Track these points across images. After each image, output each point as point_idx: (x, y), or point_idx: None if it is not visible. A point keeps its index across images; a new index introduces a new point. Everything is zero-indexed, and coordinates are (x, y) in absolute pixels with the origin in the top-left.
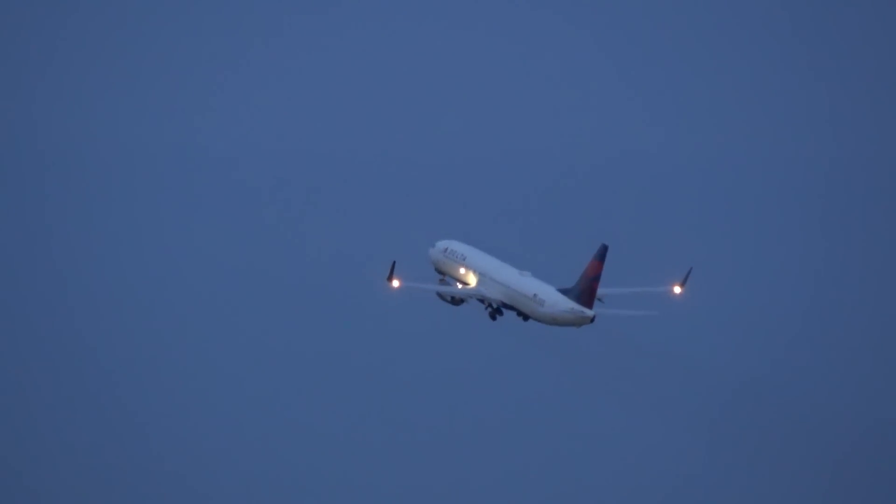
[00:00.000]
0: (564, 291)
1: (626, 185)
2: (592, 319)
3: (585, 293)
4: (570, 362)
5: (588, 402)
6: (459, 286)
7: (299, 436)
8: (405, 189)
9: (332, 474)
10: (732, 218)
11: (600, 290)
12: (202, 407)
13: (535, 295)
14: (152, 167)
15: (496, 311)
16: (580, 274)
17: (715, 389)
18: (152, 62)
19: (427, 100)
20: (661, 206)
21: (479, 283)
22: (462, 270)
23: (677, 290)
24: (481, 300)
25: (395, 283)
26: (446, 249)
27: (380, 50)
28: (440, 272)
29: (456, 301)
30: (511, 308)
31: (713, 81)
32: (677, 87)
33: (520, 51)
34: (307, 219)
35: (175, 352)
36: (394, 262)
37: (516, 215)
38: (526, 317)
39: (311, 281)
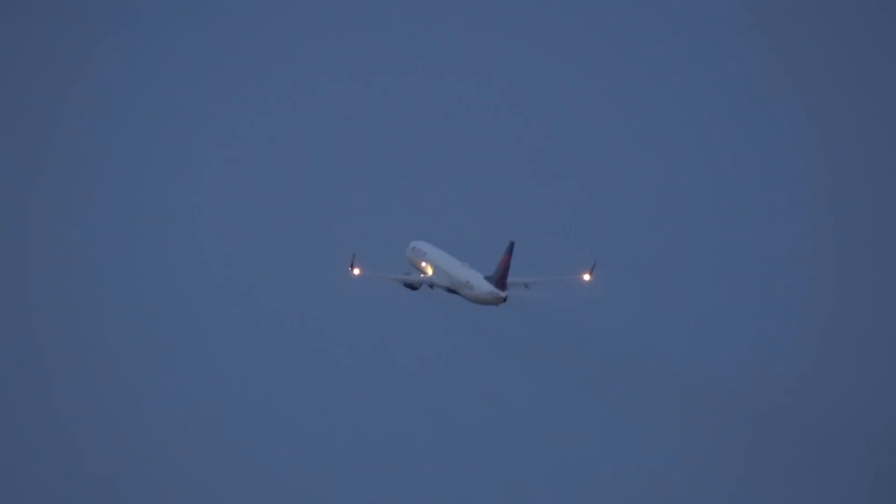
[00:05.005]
0: (488, 278)
1: (547, 188)
2: (505, 299)
3: (500, 279)
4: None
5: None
6: (422, 276)
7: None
8: (386, 197)
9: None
10: (636, 214)
11: (526, 278)
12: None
13: (467, 281)
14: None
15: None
16: (496, 265)
17: (604, 356)
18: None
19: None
20: (575, 205)
21: (433, 273)
22: (424, 264)
23: (587, 277)
24: (431, 286)
25: (356, 272)
26: (414, 248)
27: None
28: (412, 265)
29: (412, 286)
30: (453, 291)
31: (620, 77)
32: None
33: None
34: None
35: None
36: (353, 254)
37: (469, 218)
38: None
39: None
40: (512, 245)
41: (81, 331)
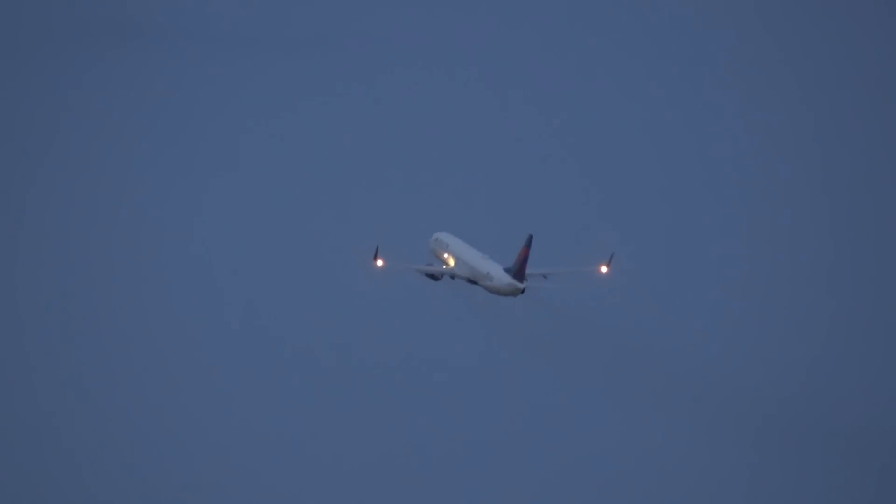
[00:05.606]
0: (507, 270)
1: (566, 181)
2: (523, 291)
3: (519, 271)
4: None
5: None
6: (444, 267)
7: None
8: (410, 190)
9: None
10: (652, 208)
11: (545, 269)
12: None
13: (487, 273)
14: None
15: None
16: (515, 257)
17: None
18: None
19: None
20: (594, 197)
21: (455, 264)
22: (446, 255)
23: (604, 269)
24: (452, 276)
25: (380, 263)
26: (437, 239)
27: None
28: (435, 256)
29: (434, 277)
30: (473, 282)
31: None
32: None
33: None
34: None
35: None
36: (377, 246)
37: (490, 211)
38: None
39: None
40: (531, 238)
41: (113, 342)
